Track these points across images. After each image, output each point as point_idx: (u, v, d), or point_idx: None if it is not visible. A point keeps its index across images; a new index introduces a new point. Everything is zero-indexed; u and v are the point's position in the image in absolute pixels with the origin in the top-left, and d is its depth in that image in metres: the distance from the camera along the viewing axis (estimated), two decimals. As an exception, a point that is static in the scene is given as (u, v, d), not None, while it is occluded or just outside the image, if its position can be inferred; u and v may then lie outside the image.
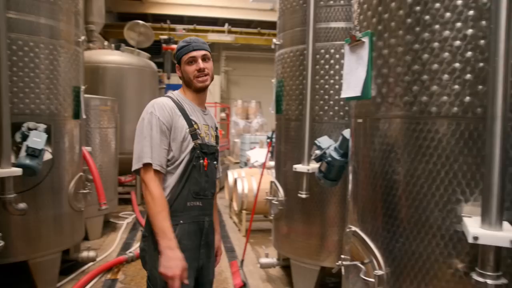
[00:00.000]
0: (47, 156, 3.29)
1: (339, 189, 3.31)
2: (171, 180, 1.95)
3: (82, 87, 3.87)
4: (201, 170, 1.99)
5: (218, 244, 2.28)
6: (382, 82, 1.80)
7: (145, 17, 12.89)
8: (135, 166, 1.90)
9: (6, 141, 2.77)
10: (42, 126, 3.25)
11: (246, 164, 10.72)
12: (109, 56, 6.88)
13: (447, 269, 1.60)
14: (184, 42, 2.05)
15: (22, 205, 2.98)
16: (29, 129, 3.18)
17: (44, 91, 3.38)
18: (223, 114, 13.66)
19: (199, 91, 2.07)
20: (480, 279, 1.39)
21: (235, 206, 5.99)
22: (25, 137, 3.12)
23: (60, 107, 3.52)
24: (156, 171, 1.88)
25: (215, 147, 2.12)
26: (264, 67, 17.37)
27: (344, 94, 2.08)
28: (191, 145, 1.96)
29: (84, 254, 4.03)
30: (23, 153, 3.03)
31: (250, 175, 5.92)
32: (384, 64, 1.79)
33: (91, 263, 4.23)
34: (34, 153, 3.04)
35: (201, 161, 1.99)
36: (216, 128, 2.23)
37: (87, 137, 5.11)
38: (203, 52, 2.03)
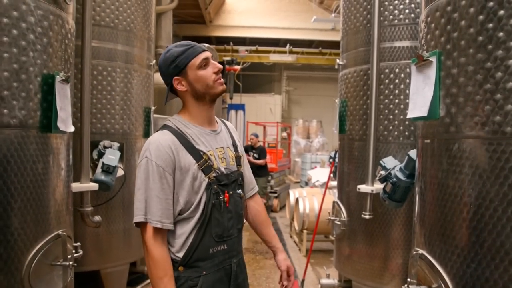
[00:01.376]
0: (120, 172, 3.52)
1: (403, 210, 3.21)
2: (188, 226, 1.62)
3: (152, 108, 4.12)
4: (223, 207, 1.66)
5: (287, 264, 1.94)
6: (451, 102, 1.76)
7: (209, 39, 13.46)
8: (135, 220, 1.62)
9: (86, 159, 3.01)
10: (116, 145, 3.50)
11: (306, 184, 10.68)
12: (177, 78, 7.22)
13: (525, 300, 1.50)
14: (181, 46, 1.65)
15: (97, 218, 3.20)
16: (105, 147, 3.42)
17: (119, 111, 3.64)
18: (284, 134, 13.75)
19: (214, 101, 1.71)
20: None
21: (296, 225, 5.97)
22: (101, 155, 3.37)
23: (132, 126, 3.77)
24: (155, 228, 1.56)
25: (237, 171, 1.77)
26: (325, 86, 17.35)
27: (411, 114, 2.04)
28: (205, 182, 1.62)
29: (151, 267, 4.20)
30: (99, 169, 3.27)
31: (312, 195, 5.89)
32: (453, 83, 1.75)
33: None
34: (108, 170, 3.26)
35: (221, 197, 1.65)
36: (235, 145, 1.83)
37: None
38: (209, 53, 1.69)
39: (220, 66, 1.69)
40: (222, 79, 1.69)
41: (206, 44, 8.62)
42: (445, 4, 1.80)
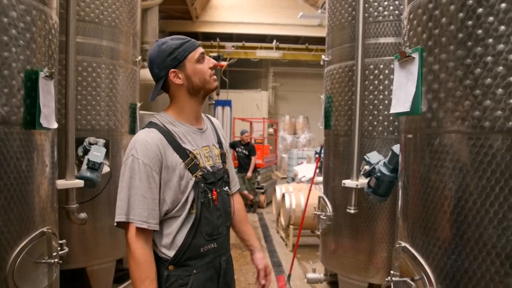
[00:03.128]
0: (106, 169, 3.50)
1: (387, 204, 3.26)
2: (176, 225, 1.59)
3: (138, 104, 4.10)
4: (211, 206, 1.64)
5: (264, 263, 1.92)
6: (433, 98, 1.79)
7: (196, 35, 13.39)
8: (116, 219, 1.55)
9: (71, 155, 2.98)
10: (102, 141, 3.47)
11: (293, 179, 10.73)
12: (163, 74, 7.18)
13: (504, 289, 1.54)
14: (178, 39, 1.64)
15: (83, 215, 3.18)
16: (90, 143, 3.39)
17: (104, 108, 3.61)
18: (271, 130, 13.80)
19: (205, 97, 1.72)
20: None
21: (282, 221, 6.01)
22: (86, 151, 3.34)
23: (117, 123, 3.74)
24: (138, 228, 1.51)
25: (222, 169, 1.76)
26: (312, 82, 17.43)
27: (394, 109, 2.08)
28: (192, 181, 1.59)
29: (137, 263, 4.19)
30: (84, 166, 3.24)
31: (298, 190, 5.93)
32: (434, 79, 1.78)
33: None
34: (94, 166, 3.24)
35: (210, 195, 1.63)
36: (220, 142, 1.81)
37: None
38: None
39: (215, 62, 1.69)
40: (215, 76, 1.69)
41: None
42: (427, 2, 1.83)
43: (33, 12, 2.09)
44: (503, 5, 1.55)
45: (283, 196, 5.88)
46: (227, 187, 1.77)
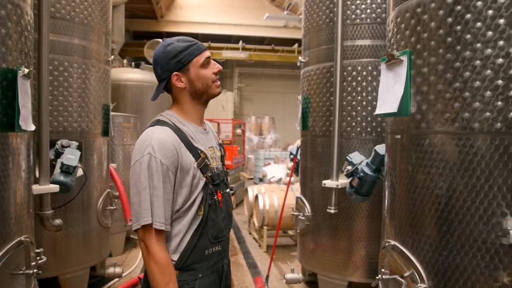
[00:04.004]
0: (79, 172, 3.37)
1: (366, 204, 3.33)
2: (180, 226, 1.56)
3: (111, 105, 3.97)
4: (217, 208, 1.63)
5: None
6: (422, 99, 1.85)
7: (160, 35, 13.17)
8: (135, 225, 1.50)
9: (45, 159, 2.85)
10: (75, 144, 3.33)
11: (261, 180, 10.75)
12: (129, 74, 7.03)
13: (493, 282, 1.61)
14: (184, 41, 1.60)
15: (58, 221, 3.04)
16: (63, 146, 3.25)
17: (76, 109, 3.47)
18: (239, 131, 13.76)
19: (208, 101, 1.70)
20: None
21: (255, 221, 6.01)
22: (58, 154, 3.19)
23: (90, 124, 3.61)
24: (158, 231, 1.48)
25: (223, 170, 1.75)
26: (277, 83, 17.59)
27: (379, 110, 2.12)
28: (203, 181, 1.57)
29: (111, 270, 4.06)
30: (57, 170, 3.10)
31: (271, 191, 5.94)
32: (423, 81, 1.84)
33: (116, 279, 4.26)
34: (68, 170, 3.10)
35: (215, 197, 1.61)
36: (220, 144, 1.83)
37: (112, 154, 5.19)
38: (209, 53, 1.67)
39: (220, 67, 1.66)
40: (219, 82, 1.67)
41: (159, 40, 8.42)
42: (415, 6, 1.88)
43: (8, 6, 1.99)
44: (490, 11, 1.62)
45: (256, 197, 5.88)
46: (228, 189, 1.76)
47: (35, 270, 2.16)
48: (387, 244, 2.08)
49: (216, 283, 1.66)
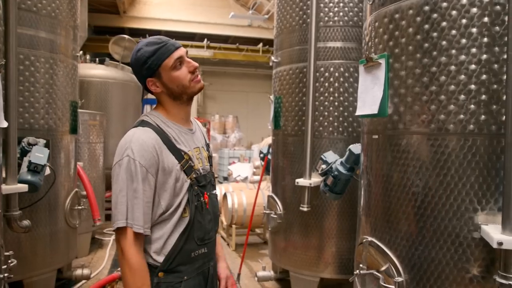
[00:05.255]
0: (47, 171, 3.25)
1: (337, 201, 3.42)
2: (167, 229, 1.53)
3: (79, 102, 3.86)
4: (204, 209, 1.61)
5: (227, 274, 1.85)
6: (400, 101, 1.93)
7: (123, 31, 12.83)
8: (113, 226, 1.49)
9: (13, 157, 2.73)
10: (42, 141, 3.21)
11: (225, 179, 10.75)
12: (93, 70, 6.83)
13: (465, 274, 1.72)
14: (152, 44, 1.53)
15: (26, 222, 2.92)
16: (29, 144, 3.13)
17: (43, 105, 3.35)
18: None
19: (191, 99, 1.66)
20: (504, 281, 1.51)
21: (224, 220, 6.01)
22: (24, 152, 3.07)
23: (58, 121, 3.49)
24: (136, 234, 1.45)
25: (210, 172, 1.73)
26: (241, 82, 17.63)
27: (360, 111, 2.20)
28: (187, 183, 1.55)
29: (78, 272, 3.95)
30: (24, 168, 2.98)
31: (239, 190, 5.97)
32: (401, 84, 1.92)
33: (84, 281, 4.15)
34: (36, 169, 2.99)
35: (202, 199, 1.60)
36: (207, 144, 1.81)
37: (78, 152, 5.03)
38: (184, 49, 1.60)
39: (196, 64, 1.60)
40: (199, 76, 1.62)
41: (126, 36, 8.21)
42: (393, 12, 1.96)
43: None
44: (464, 20, 1.73)
45: (225, 195, 5.88)
46: (215, 191, 1.75)
47: (6, 275, 2.08)
48: (364, 240, 2.15)
49: (202, 286, 1.65)
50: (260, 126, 14.92)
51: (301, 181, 3.31)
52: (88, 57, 7.32)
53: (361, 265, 2.12)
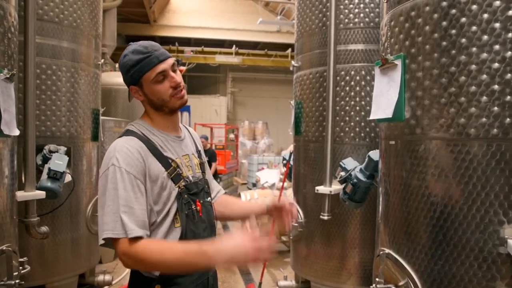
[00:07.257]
0: (67, 178, 3.29)
1: (360, 210, 3.28)
2: (158, 238, 1.47)
3: (101, 110, 3.91)
4: (196, 218, 1.54)
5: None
6: (417, 104, 1.81)
7: (153, 39, 13.04)
8: (100, 236, 1.38)
9: (31, 164, 2.77)
10: (63, 149, 3.26)
11: (254, 185, 10.69)
12: (121, 79, 6.92)
13: (491, 293, 1.57)
14: (138, 53, 1.47)
15: (44, 229, 2.96)
16: (50, 151, 3.18)
17: (65, 113, 3.40)
18: (232, 135, 13.71)
19: (174, 112, 1.59)
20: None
21: (248, 227, 5.93)
22: (46, 160, 3.12)
23: (79, 129, 3.54)
24: (133, 238, 1.35)
25: (203, 179, 1.67)
26: (270, 88, 17.58)
27: (374, 115, 2.08)
28: (175, 191, 1.49)
29: (100, 277, 3.98)
30: (44, 175, 3.03)
31: (264, 196, 5.89)
32: (418, 86, 1.80)
33: (106, 287, 4.17)
34: (55, 176, 3.03)
35: (193, 207, 1.54)
36: (199, 151, 1.75)
37: (102, 159, 5.12)
38: (171, 61, 1.52)
39: (179, 80, 1.51)
40: (182, 92, 1.53)
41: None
42: (409, 9, 1.85)
43: (-9, 7, 1.93)
44: (486, 15, 1.59)
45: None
46: (209, 198, 1.68)
47: (17, 281, 2.09)
48: (381, 252, 2.03)
49: None
50: (289, 132, 14.81)
51: (321, 189, 3.19)
52: (117, 65, 7.46)
53: (377, 279, 1.99)
